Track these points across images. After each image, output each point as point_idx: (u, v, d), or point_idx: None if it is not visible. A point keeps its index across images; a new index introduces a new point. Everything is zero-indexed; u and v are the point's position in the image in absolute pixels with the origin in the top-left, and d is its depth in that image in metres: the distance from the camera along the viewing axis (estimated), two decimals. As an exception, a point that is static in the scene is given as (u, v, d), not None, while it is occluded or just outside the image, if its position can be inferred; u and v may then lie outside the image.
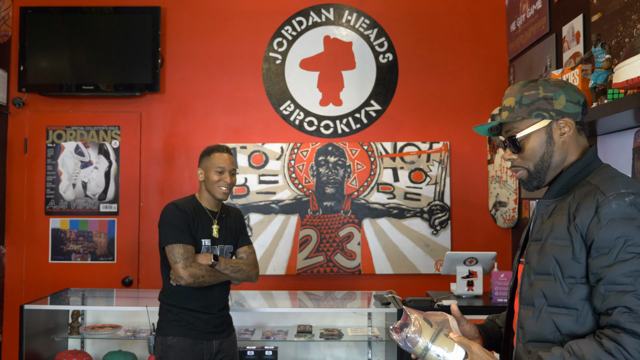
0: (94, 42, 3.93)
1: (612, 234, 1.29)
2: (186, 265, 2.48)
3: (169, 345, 2.55)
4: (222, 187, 2.62)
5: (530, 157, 1.47)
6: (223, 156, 2.65)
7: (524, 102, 1.47)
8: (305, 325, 3.47)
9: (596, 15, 2.57)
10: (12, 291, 3.96)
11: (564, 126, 1.45)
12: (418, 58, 4.03)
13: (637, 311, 1.24)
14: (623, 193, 1.31)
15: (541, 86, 1.47)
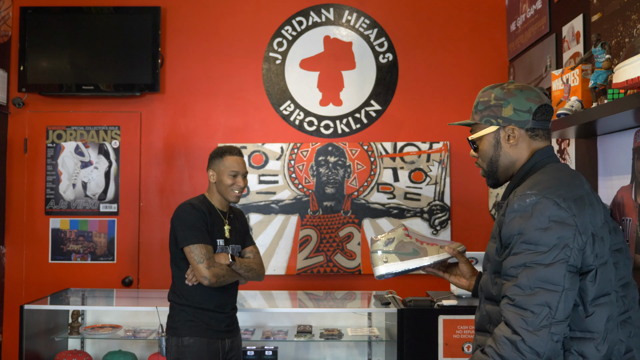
0: (94, 42, 3.93)
1: (512, 230, 1.40)
2: (209, 266, 2.49)
3: (185, 346, 2.54)
4: (235, 191, 2.62)
5: (483, 158, 1.62)
6: (237, 160, 2.64)
7: (479, 108, 1.63)
8: (305, 325, 3.47)
9: (596, 15, 2.57)
10: (12, 291, 3.96)
11: (510, 133, 1.56)
12: (418, 58, 4.03)
13: (512, 299, 1.34)
14: (527, 194, 1.40)
15: (494, 93, 1.59)
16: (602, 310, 1.37)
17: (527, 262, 1.35)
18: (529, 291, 1.32)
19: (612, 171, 2.44)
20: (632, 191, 2.28)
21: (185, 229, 2.55)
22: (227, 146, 2.69)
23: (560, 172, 1.49)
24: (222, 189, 2.62)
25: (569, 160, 2.90)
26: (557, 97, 2.52)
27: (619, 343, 1.40)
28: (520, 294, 1.33)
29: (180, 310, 2.60)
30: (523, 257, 1.35)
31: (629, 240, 2.28)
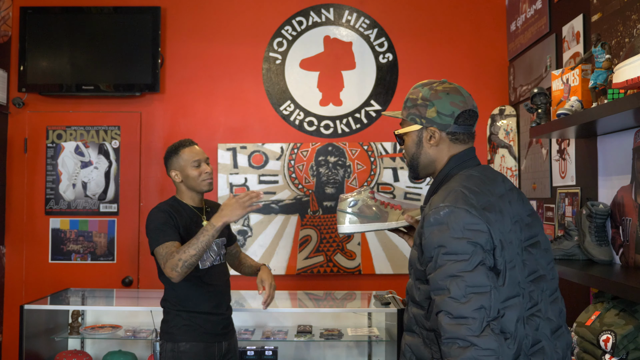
0: (94, 42, 3.93)
1: (432, 243, 1.43)
2: (165, 263, 2.35)
3: (182, 351, 2.48)
4: (205, 179, 2.55)
5: (406, 152, 1.68)
6: (194, 149, 2.56)
7: (407, 104, 1.65)
8: (305, 325, 3.47)
9: (596, 15, 2.57)
10: (12, 291, 3.96)
11: (431, 134, 1.61)
12: (418, 58, 4.03)
13: (451, 312, 1.36)
14: (440, 206, 1.44)
15: (422, 92, 1.62)
16: (512, 312, 1.42)
17: (453, 273, 1.38)
18: (463, 300, 1.36)
19: (612, 171, 2.44)
20: (632, 191, 2.28)
21: (149, 235, 2.45)
22: (178, 142, 2.60)
23: (471, 180, 1.53)
24: (192, 182, 2.54)
25: (569, 160, 2.90)
26: (557, 97, 2.52)
27: (526, 338, 1.46)
28: (456, 305, 1.36)
29: (175, 314, 2.53)
30: (448, 268, 1.39)
31: (629, 240, 2.28)
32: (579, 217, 2.43)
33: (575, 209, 2.80)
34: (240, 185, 3.96)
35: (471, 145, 1.65)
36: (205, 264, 2.54)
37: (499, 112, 3.79)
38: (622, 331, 1.95)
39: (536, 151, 3.37)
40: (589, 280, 2.14)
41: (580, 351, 2.19)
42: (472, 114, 1.63)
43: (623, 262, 2.33)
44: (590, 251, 2.37)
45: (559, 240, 2.54)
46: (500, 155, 3.75)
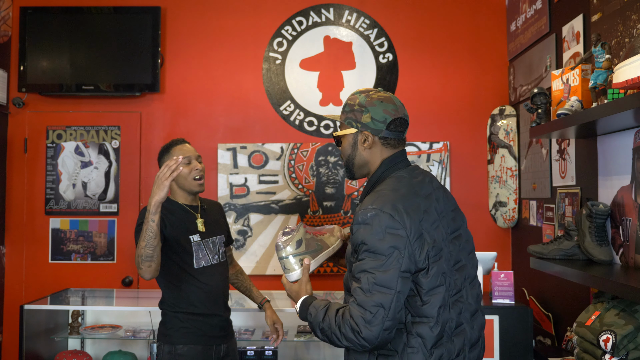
0: (94, 42, 3.93)
1: (357, 239, 1.62)
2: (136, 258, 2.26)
3: (179, 354, 2.44)
4: (196, 177, 2.48)
5: (343, 153, 1.83)
6: (184, 147, 2.51)
7: (346, 109, 1.80)
8: (306, 325, 3.47)
9: (596, 15, 2.57)
10: (12, 291, 3.96)
11: (365, 137, 1.76)
12: (418, 58, 4.03)
13: (357, 297, 1.56)
14: (369, 208, 1.62)
15: (359, 99, 1.77)
16: (436, 298, 1.62)
17: (367, 268, 1.57)
18: (369, 294, 1.55)
19: (612, 171, 2.44)
20: (632, 191, 2.28)
21: (136, 234, 2.36)
22: (170, 141, 2.56)
23: (400, 182, 1.70)
24: (182, 181, 2.48)
25: (569, 160, 2.90)
26: (557, 97, 2.52)
27: (450, 321, 1.65)
28: (361, 295, 1.56)
29: (172, 316, 2.48)
30: (365, 263, 1.58)
31: (629, 240, 2.28)
32: (579, 217, 2.43)
33: (575, 209, 2.80)
34: (240, 185, 3.96)
35: (402, 148, 1.82)
36: (199, 262, 2.48)
37: (499, 112, 3.79)
38: (622, 331, 1.95)
39: (536, 151, 3.37)
40: (589, 280, 2.13)
41: (580, 351, 2.19)
42: (402, 122, 1.78)
43: (623, 262, 2.33)
44: (590, 251, 2.37)
45: (559, 240, 2.54)
46: (500, 155, 3.75)
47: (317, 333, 1.67)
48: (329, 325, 1.62)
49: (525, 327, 2.96)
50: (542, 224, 3.28)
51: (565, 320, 2.98)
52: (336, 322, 1.60)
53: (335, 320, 1.60)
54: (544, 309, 3.26)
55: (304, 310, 1.71)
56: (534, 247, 2.64)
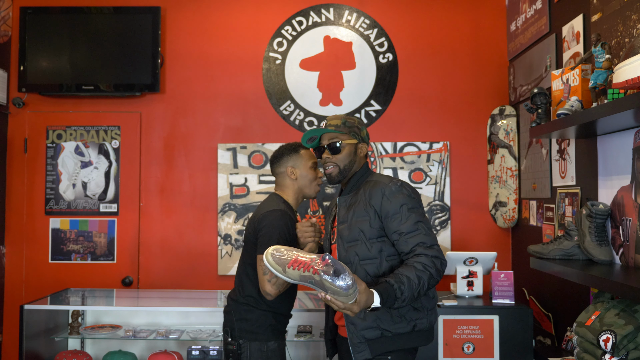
0: (94, 42, 3.93)
1: (396, 204, 2.10)
2: (271, 279, 2.35)
3: (271, 350, 2.48)
4: (319, 184, 2.61)
5: (343, 159, 2.26)
6: (311, 152, 2.57)
7: (347, 125, 2.27)
8: (305, 325, 3.47)
9: (596, 15, 2.57)
10: (12, 291, 3.96)
11: (363, 148, 2.31)
12: (418, 58, 4.03)
13: (425, 242, 2.06)
14: (394, 181, 2.17)
15: (356, 119, 2.32)
16: None
17: (418, 220, 2.09)
18: (430, 234, 2.10)
19: (612, 171, 2.44)
20: (632, 191, 2.28)
21: (268, 238, 2.39)
22: (292, 143, 2.62)
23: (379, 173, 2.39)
24: (306, 183, 2.57)
25: (569, 160, 2.90)
26: (557, 97, 2.52)
27: None
28: (426, 238, 2.07)
29: (261, 314, 2.49)
30: (414, 217, 2.09)
31: (629, 240, 2.28)
32: (579, 217, 2.43)
33: (575, 209, 2.80)
34: (240, 185, 3.96)
35: None
36: None
37: (499, 112, 3.79)
38: (622, 331, 1.95)
39: (536, 151, 3.37)
40: (589, 280, 2.13)
41: (580, 351, 2.19)
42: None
43: (623, 262, 2.33)
44: (590, 251, 2.37)
45: (559, 240, 2.54)
46: (500, 155, 3.75)
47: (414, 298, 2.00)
48: (423, 281, 1.99)
49: (525, 327, 2.96)
50: (542, 224, 3.28)
51: (565, 320, 2.98)
52: (429, 272, 2.00)
53: (426, 273, 1.99)
54: (544, 309, 3.26)
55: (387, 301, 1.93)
56: (534, 247, 2.64)
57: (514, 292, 3.08)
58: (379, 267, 2.11)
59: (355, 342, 2.09)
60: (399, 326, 2.10)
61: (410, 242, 2.06)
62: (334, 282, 1.81)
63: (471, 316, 2.98)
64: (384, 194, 2.12)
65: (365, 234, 2.12)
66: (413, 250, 2.05)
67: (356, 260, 2.12)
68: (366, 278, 2.10)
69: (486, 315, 2.98)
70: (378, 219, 2.12)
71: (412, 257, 2.04)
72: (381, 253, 2.12)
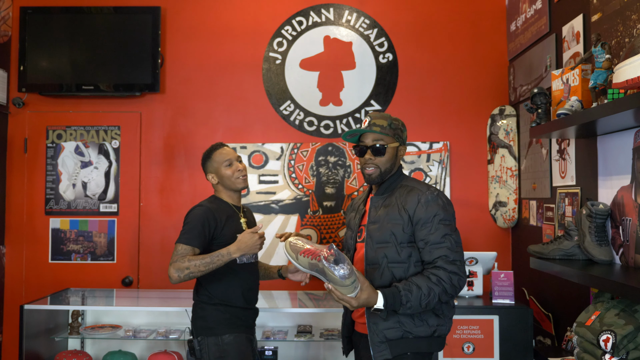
0: (94, 42, 3.93)
1: (430, 214, 2.12)
2: (174, 262, 2.43)
3: (226, 343, 2.55)
4: (239, 177, 2.65)
5: (385, 162, 2.24)
6: (223, 150, 2.68)
7: (392, 127, 2.26)
8: (305, 325, 3.47)
9: (596, 15, 2.57)
10: (12, 291, 3.96)
11: (404, 150, 2.32)
12: (418, 58, 4.02)
13: (448, 256, 2.08)
14: (431, 190, 2.18)
15: (400, 122, 2.31)
16: None
17: (447, 233, 2.11)
18: (457, 249, 2.11)
19: (612, 171, 2.44)
20: (632, 191, 2.28)
21: (183, 228, 2.55)
22: (209, 147, 2.72)
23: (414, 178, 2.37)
24: (227, 181, 2.64)
25: (569, 160, 2.90)
26: (557, 97, 2.52)
27: None
28: (450, 254, 2.09)
29: (214, 309, 2.58)
30: (443, 229, 2.10)
31: (629, 240, 2.28)
32: (579, 217, 2.43)
33: (575, 209, 2.80)
34: (240, 185, 3.95)
35: None
36: (242, 259, 2.62)
37: (499, 112, 3.79)
38: (622, 331, 1.95)
39: (536, 151, 3.37)
40: (589, 280, 2.13)
41: (580, 351, 2.19)
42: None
43: (623, 262, 2.33)
44: (590, 251, 2.37)
45: (559, 240, 2.54)
46: (500, 155, 3.75)
47: (421, 308, 2.05)
48: (434, 293, 2.03)
49: (525, 327, 2.96)
50: (542, 224, 3.28)
51: (565, 320, 2.98)
52: (442, 286, 2.04)
53: (439, 287, 2.04)
54: (544, 309, 3.26)
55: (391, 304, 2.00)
56: (534, 247, 2.64)
57: (514, 292, 3.08)
58: (406, 272, 2.13)
59: (375, 342, 2.10)
60: (421, 329, 2.12)
61: (434, 253, 2.09)
62: (333, 270, 1.92)
63: (471, 316, 2.98)
64: (420, 201, 2.14)
65: (396, 238, 2.14)
66: (434, 262, 2.08)
67: (385, 262, 2.14)
68: (392, 281, 2.12)
69: (486, 315, 2.98)
70: (411, 224, 2.14)
71: (432, 268, 2.08)
72: (410, 258, 2.13)
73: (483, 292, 3.25)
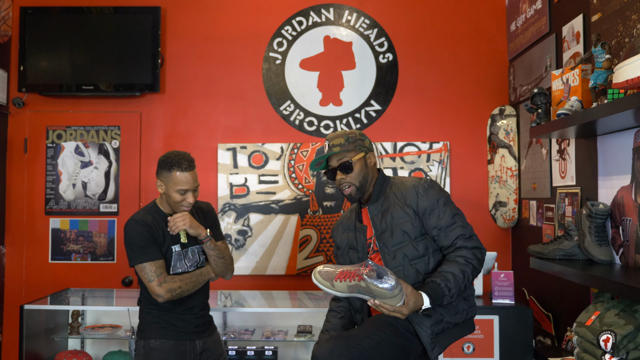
0: (94, 42, 3.93)
1: (432, 200, 2.16)
2: (160, 282, 2.41)
3: (151, 348, 2.48)
4: (184, 208, 2.49)
5: (357, 176, 2.24)
6: (185, 176, 2.45)
7: (350, 140, 2.26)
8: (305, 325, 3.47)
9: (596, 15, 2.57)
10: (12, 291, 3.96)
11: (371, 157, 2.30)
12: (418, 58, 4.02)
13: (464, 234, 2.14)
14: (422, 179, 2.23)
15: (356, 132, 2.31)
16: None
17: (455, 213, 2.16)
18: (467, 225, 2.19)
19: (612, 171, 2.44)
20: (632, 191, 2.28)
21: (132, 248, 2.45)
22: (176, 158, 2.48)
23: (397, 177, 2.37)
24: (171, 202, 2.49)
25: (569, 160, 2.90)
26: (557, 97, 2.52)
27: None
28: (466, 231, 2.15)
29: (147, 312, 2.54)
30: (450, 211, 2.15)
31: (629, 240, 2.28)
32: (579, 217, 2.43)
33: (575, 209, 2.80)
34: (240, 185, 3.96)
35: None
36: (176, 269, 2.51)
37: (499, 112, 3.79)
38: (622, 331, 1.95)
39: (536, 151, 3.37)
40: (589, 280, 2.14)
41: (580, 351, 2.19)
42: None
43: (623, 262, 2.33)
44: (590, 251, 2.37)
45: (559, 240, 2.54)
46: (500, 155, 3.75)
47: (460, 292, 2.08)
48: (467, 274, 2.06)
49: (525, 327, 2.96)
50: (542, 224, 3.28)
51: (565, 320, 2.98)
52: (472, 264, 2.08)
53: (469, 266, 2.07)
54: (544, 309, 3.26)
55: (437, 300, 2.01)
56: (534, 247, 2.64)
57: (514, 292, 3.08)
58: (427, 264, 2.14)
59: (427, 341, 2.08)
60: (457, 317, 2.15)
61: (450, 236, 2.13)
62: (379, 285, 1.87)
63: (471, 316, 2.98)
64: (418, 191, 2.17)
65: (409, 235, 2.15)
66: (454, 244, 2.12)
67: (406, 262, 2.14)
68: (417, 277, 2.12)
69: (486, 315, 2.98)
70: (417, 217, 2.16)
71: (454, 250, 2.12)
72: (427, 250, 2.15)
73: (483, 292, 3.25)
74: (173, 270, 2.50)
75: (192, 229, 2.46)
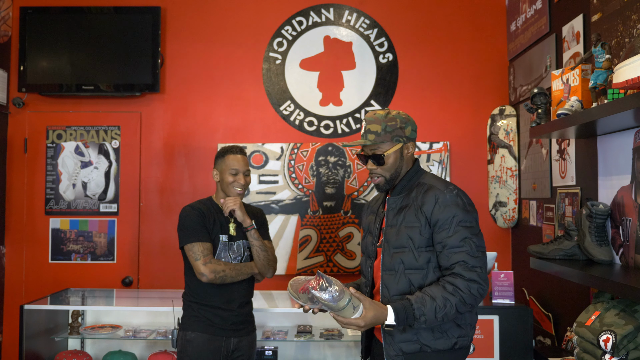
0: (94, 42, 3.93)
1: (448, 215, 1.96)
2: (206, 262, 2.55)
3: (187, 340, 2.63)
4: (236, 188, 2.68)
5: (389, 168, 2.08)
6: (237, 157, 2.69)
7: (388, 130, 2.06)
8: (305, 325, 3.47)
9: (596, 15, 2.57)
10: (12, 291, 3.96)
11: (410, 147, 2.11)
12: (418, 58, 4.03)
13: (467, 262, 1.92)
14: (450, 188, 2.02)
15: (398, 119, 2.08)
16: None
17: (466, 237, 1.94)
18: (477, 254, 1.94)
19: (612, 171, 2.44)
20: (632, 191, 2.28)
21: (183, 230, 2.64)
22: (229, 146, 2.74)
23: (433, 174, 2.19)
24: (225, 186, 2.69)
25: (569, 160, 2.90)
26: (557, 97, 2.52)
27: None
28: (470, 260, 1.93)
29: (188, 306, 2.69)
30: (462, 233, 1.94)
31: (629, 240, 2.28)
32: (579, 217, 2.43)
33: (575, 209, 2.80)
34: (240, 185, 3.95)
35: None
36: (220, 259, 2.65)
37: (499, 112, 3.79)
38: (622, 331, 1.95)
39: (536, 151, 3.37)
40: (589, 280, 2.13)
41: (580, 351, 2.19)
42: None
43: (623, 262, 2.33)
44: (590, 251, 2.37)
45: (559, 240, 2.54)
46: (500, 155, 3.75)
47: (437, 321, 1.91)
48: (451, 304, 1.88)
49: (525, 327, 2.96)
50: (542, 224, 3.28)
51: (565, 320, 2.98)
52: (459, 296, 1.89)
53: (455, 297, 1.89)
54: (544, 309, 3.26)
55: (404, 320, 1.88)
56: (534, 247, 2.64)
57: (514, 292, 3.08)
58: (425, 278, 1.97)
59: (391, 355, 1.96)
60: (440, 342, 1.96)
61: (451, 258, 1.93)
62: (322, 296, 1.78)
63: (471, 316, 2.97)
64: (437, 200, 1.97)
65: (414, 242, 1.98)
66: (452, 268, 1.93)
67: (401, 269, 1.99)
68: (409, 288, 1.97)
69: (486, 315, 2.98)
70: (428, 227, 1.98)
71: (449, 275, 1.93)
72: (429, 264, 1.98)
73: (483, 292, 3.24)
74: (217, 258, 2.64)
75: (239, 212, 2.64)
